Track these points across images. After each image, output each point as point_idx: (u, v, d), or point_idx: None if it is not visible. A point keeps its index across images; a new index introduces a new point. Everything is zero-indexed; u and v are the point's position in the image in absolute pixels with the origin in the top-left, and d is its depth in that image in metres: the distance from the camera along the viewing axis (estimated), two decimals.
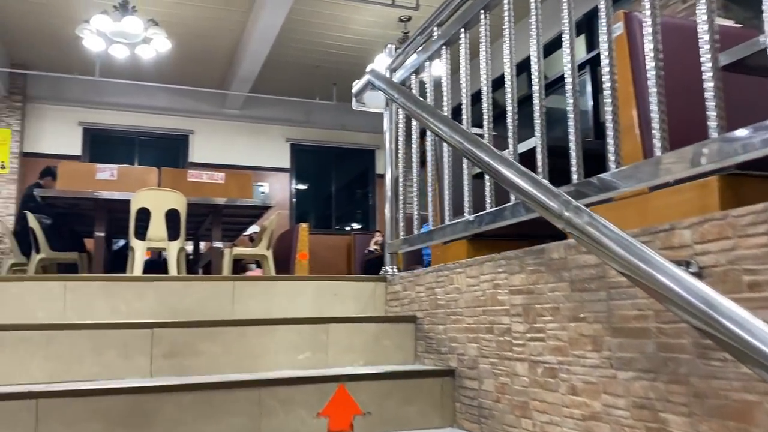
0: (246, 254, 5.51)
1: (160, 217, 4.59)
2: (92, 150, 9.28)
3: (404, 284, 2.50)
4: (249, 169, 9.78)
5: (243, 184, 5.82)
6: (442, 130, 2.04)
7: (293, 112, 10.18)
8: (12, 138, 8.57)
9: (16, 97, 8.67)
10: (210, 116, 9.80)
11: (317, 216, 10.62)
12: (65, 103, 9.09)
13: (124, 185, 5.44)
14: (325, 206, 10.60)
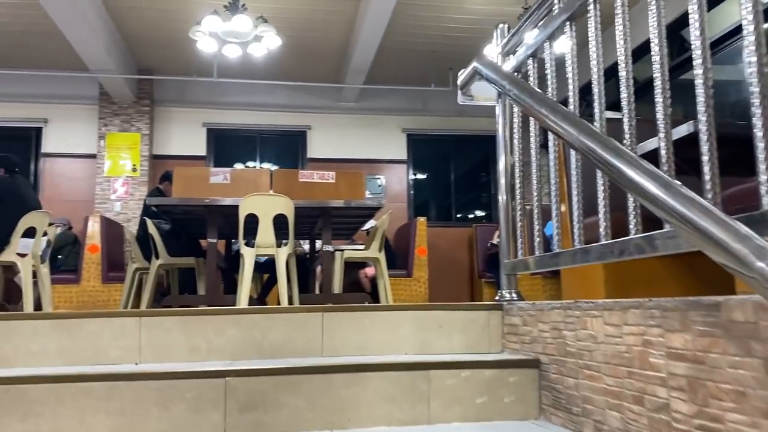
0: (357, 257, 5.26)
1: (267, 223, 4.43)
2: (216, 150, 9.50)
3: (524, 318, 2.05)
4: (365, 162, 9.59)
5: (355, 183, 5.57)
6: (567, 131, 1.57)
7: (409, 101, 9.84)
8: (142, 141, 8.94)
9: (144, 102, 9.03)
10: (326, 111, 9.70)
11: (436, 208, 10.24)
12: (189, 105, 9.36)
13: (237, 188, 5.37)
14: (444, 197, 10.18)
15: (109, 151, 8.83)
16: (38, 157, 8.97)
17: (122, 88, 8.54)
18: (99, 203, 8.75)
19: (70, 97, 9.01)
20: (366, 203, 4.95)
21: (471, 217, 10.20)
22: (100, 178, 8.79)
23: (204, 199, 4.63)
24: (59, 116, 9.05)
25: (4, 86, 8.72)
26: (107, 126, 8.88)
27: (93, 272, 7.76)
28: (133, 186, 8.83)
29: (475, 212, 10.30)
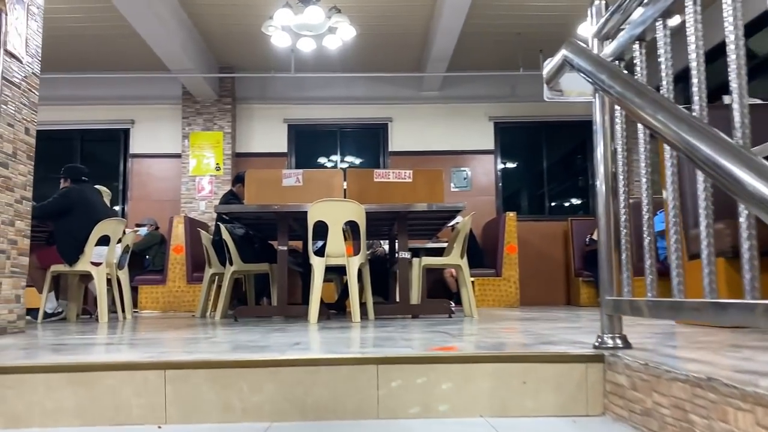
0: (437, 264, 4.84)
1: (337, 231, 4.11)
2: (297, 146, 9.35)
3: (633, 379, 1.59)
4: (449, 153, 9.13)
5: (433, 182, 5.15)
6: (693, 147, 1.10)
7: (495, 87, 9.26)
8: (224, 140, 8.91)
9: (226, 100, 8.99)
10: (407, 101, 9.30)
11: (527, 200, 9.61)
12: (270, 102, 9.24)
13: (310, 191, 5.10)
14: (536, 188, 9.54)
15: (193, 150, 8.86)
16: (126, 158, 9.15)
17: (204, 86, 8.51)
18: (185, 203, 8.81)
19: (154, 98, 9.11)
20: (445, 206, 4.52)
21: (566, 210, 9.51)
22: (185, 178, 8.85)
23: (273, 206, 4.37)
24: (145, 117, 9.18)
25: (93, 89, 8.94)
26: (191, 125, 8.91)
27: (178, 273, 7.80)
28: (216, 185, 8.82)
29: (571, 203, 9.59)
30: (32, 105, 3.47)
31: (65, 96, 8.99)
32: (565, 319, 4.10)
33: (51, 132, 9.19)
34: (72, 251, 4.68)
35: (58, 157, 9.43)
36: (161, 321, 4.78)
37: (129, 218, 9.00)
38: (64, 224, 4.74)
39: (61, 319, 4.89)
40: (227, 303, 5.27)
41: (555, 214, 9.31)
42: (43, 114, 9.56)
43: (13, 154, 3.28)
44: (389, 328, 3.14)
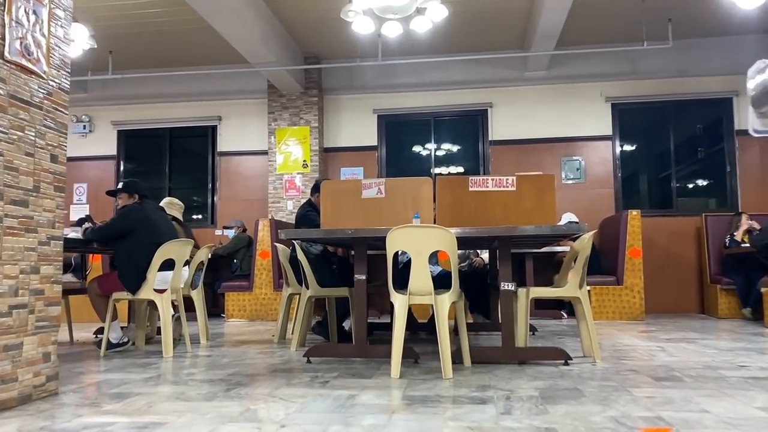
0: (549, 296, 3.96)
1: (422, 264, 3.35)
2: (388, 137, 8.63)
3: None
4: (559, 141, 8.10)
5: (542, 190, 4.26)
6: None
7: (613, 63, 8.08)
8: (311, 135, 8.35)
9: (312, 92, 8.41)
10: (510, 83, 8.31)
11: (652, 193, 8.38)
12: (358, 92, 8.57)
13: (394, 203, 4.38)
14: (662, 180, 8.27)
15: (279, 147, 8.38)
16: (215, 156, 8.83)
17: (288, 79, 7.96)
18: (273, 202, 8.36)
19: (240, 93, 8.71)
20: (559, 229, 3.64)
21: (698, 205, 8.19)
22: (272, 176, 8.39)
23: (347, 230, 3.67)
24: (232, 113, 8.80)
25: (180, 86, 8.65)
26: (276, 121, 8.42)
27: (264, 279, 7.37)
28: (304, 182, 8.30)
29: (704, 197, 8.26)
30: (60, 126, 2.95)
31: (153, 94, 8.77)
32: (733, 339, 3.13)
33: (141, 131, 9.05)
34: (133, 278, 4.24)
35: (149, 156, 9.30)
36: (234, 350, 4.27)
37: (218, 219, 8.70)
38: (124, 248, 4.31)
39: (127, 348, 4.49)
40: (304, 331, 4.68)
41: (685, 209, 8.03)
42: (132, 113, 9.57)
43: (35, 189, 2.77)
44: (507, 395, 2.35)
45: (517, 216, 4.28)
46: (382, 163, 8.58)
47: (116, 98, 8.85)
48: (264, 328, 6.29)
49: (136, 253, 4.26)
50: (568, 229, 3.60)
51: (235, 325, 6.77)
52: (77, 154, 9.00)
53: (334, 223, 4.48)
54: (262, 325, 6.61)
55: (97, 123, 9.04)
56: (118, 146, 9.02)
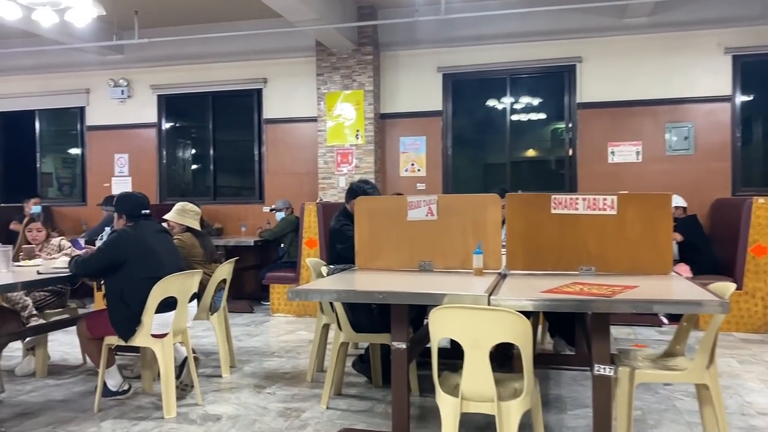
0: (660, 379, 2.85)
1: (481, 360, 2.32)
2: (455, 100, 7.42)
3: None
4: (663, 103, 6.70)
5: (657, 214, 3.12)
6: None
7: (735, 5, 6.48)
8: (365, 100, 7.26)
9: (366, 49, 7.26)
10: (603, 33, 6.86)
11: None
12: (419, 46, 7.35)
13: (450, 229, 3.36)
14: None
15: (330, 114, 7.35)
16: (261, 124, 7.91)
17: (337, 35, 6.84)
18: (323, 177, 7.42)
19: (287, 51, 7.66)
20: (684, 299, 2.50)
21: None
22: (322, 148, 7.42)
23: (375, 293, 2.66)
24: (278, 74, 7.80)
25: (219, 45, 7.67)
26: (326, 84, 7.36)
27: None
28: (357, 156, 7.29)
29: None
30: None
31: (192, 54, 7.87)
32: None
33: (182, 96, 8.23)
34: (125, 322, 3.44)
35: (191, 123, 8.53)
36: (253, 400, 3.44)
37: (266, 195, 7.88)
38: (114, 284, 3.49)
39: (129, 396, 3.74)
40: (339, 379, 3.79)
41: None
42: (171, 75, 8.66)
43: None
44: None
45: (618, 251, 3.16)
46: (448, 130, 7.41)
47: (154, 60, 8.01)
48: (308, 336, 5.47)
49: (128, 291, 3.43)
50: (690, 300, 2.44)
51: (277, 327, 6.00)
52: (116, 121, 8.33)
53: (370, 257, 3.50)
54: (306, 328, 5.80)
55: (135, 87, 8.28)
56: (158, 112, 8.26)
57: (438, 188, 7.35)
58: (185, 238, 4.29)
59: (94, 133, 8.45)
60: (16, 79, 8.53)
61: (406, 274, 3.27)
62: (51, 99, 8.54)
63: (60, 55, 7.96)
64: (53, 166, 9.01)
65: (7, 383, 4.09)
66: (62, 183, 8.96)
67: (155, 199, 8.12)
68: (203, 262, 4.31)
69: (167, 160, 8.32)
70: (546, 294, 2.50)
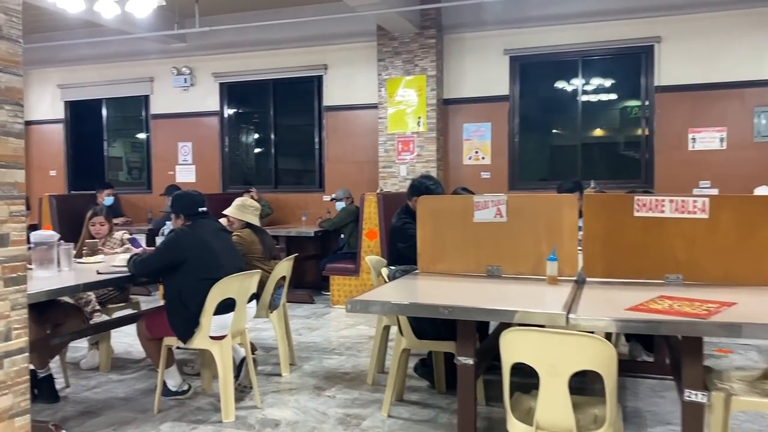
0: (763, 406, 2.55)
1: (559, 389, 2.10)
2: (522, 84, 7.08)
3: None
4: (753, 85, 6.18)
5: (757, 219, 2.80)
6: None
7: None
8: (428, 85, 7.01)
9: (430, 32, 6.99)
10: (685, 11, 6.36)
11: None
12: (485, 28, 7.02)
13: (519, 232, 3.13)
14: None
15: (391, 101, 7.15)
16: (321, 111, 7.79)
17: (398, 18, 6.60)
18: (384, 166, 7.25)
19: (347, 36, 7.48)
20: None
21: None
22: (383, 136, 7.23)
23: (440, 307, 2.46)
24: (339, 60, 7.64)
25: (280, 31, 7.55)
26: (387, 69, 7.15)
27: None
28: (419, 144, 7.07)
29: None
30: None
31: (253, 41, 7.80)
32: None
33: (243, 84, 8.20)
34: (183, 324, 3.37)
35: (252, 111, 8.51)
36: (312, 404, 3.34)
37: (326, 183, 7.77)
38: (172, 285, 3.43)
39: (189, 397, 3.70)
40: (400, 386, 3.63)
41: None
42: (233, 63, 8.63)
43: None
44: None
45: (710, 258, 2.86)
46: (515, 116, 7.08)
47: (215, 47, 7.98)
48: (368, 331, 5.34)
49: (186, 293, 3.36)
50: None
51: (337, 321, 5.91)
52: (180, 109, 8.37)
53: (433, 260, 3.31)
54: (367, 322, 5.68)
55: (198, 75, 8.29)
56: (220, 100, 8.25)
57: (503, 177, 7.05)
58: (245, 234, 4.21)
59: (159, 121, 8.53)
60: (83, 69, 8.70)
61: (473, 281, 3.06)
62: (117, 88, 8.67)
63: (124, 45, 8.04)
64: (121, 153, 9.18)
65: (72, 377, 4.13)
66: (131, 168, 9.13)
67: (218, 188, 8.15)
68: (262, 258, 4.22)
69: (229, 148, 8.32)
70: (632, 313, 2.25)
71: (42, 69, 8.90)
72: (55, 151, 9.03)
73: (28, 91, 9.10)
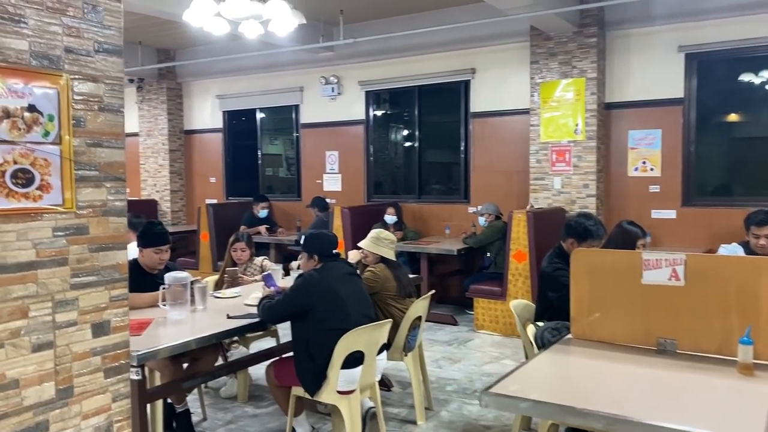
0: None
1: None
2: (700, 86, 6.12)
3: None
4: None
5: None
6: None
7: None
8: (587, 89, 6.31)
9: (590, 30, 6.26)
10: None
11: None
12: (656, 23, 6.16)
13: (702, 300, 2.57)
14: None
15: (544, 107, 6.54)
16: (467, 117, 7.35)
17: (554, 18, 5.98)
18: (536, 178, 6.67)
19: (497, 37, 6.95)
20: None
21: None
22: (534, 145, 6.65)
23: (600, 416, 1.98)
24: (488, 63, 7.15)
25: (426, 36, 7.17)
26: (541, 72, 6.54)
27: (521, 287, 5.90)
28: (576, 153, 6.40)
29: None
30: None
31: (398, 47, 7.51)
32: None
33: (388, 91, 8.00)
34: (310, 376, 3.17)
35: (396, 119, 8.29)
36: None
37: (471, 194, 7.35)
38: (299, 332, 3.24)
39: None
40: None
41: None
42: (378, 70, 8.40)
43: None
44: None
45: None
46: (691, 124, 6.17)
47: (361, 55, 7.83)
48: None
49: (313, 344, 3.16)
50: None
51: (481, 350, 5.50)
52: (327, 118, 8.36)
53: (590, 325, 2.80)
54: (514, 355, 5.22)
55: (345, 84, 8.21)
56: (366, 108, 8.10)
57: (676, 192, 6.18)
58: (378, 269, 3.94)
59: (307, 130, 8.60)
60: (239, 80, 8.99)
61: (640, 359, 2.52)
62: (270, 97, 8.85)
63: (276, 55, 8.15)
64: (273, 162, 9.42)
65: (210, 406, 4.14)
66: (282, 177, 9.33)
67: (363, 200, 8.04)
68: (396, 297, 3.93)
69: (374, 157, 8.17)
70: None
71: (202, 80, 9.35)
72: (214, 159, 9.46)
73: (190, 101, 9.62)
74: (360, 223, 6.79)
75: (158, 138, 9.55)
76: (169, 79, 9.44)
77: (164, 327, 3.20)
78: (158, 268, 3.77)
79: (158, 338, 2.94)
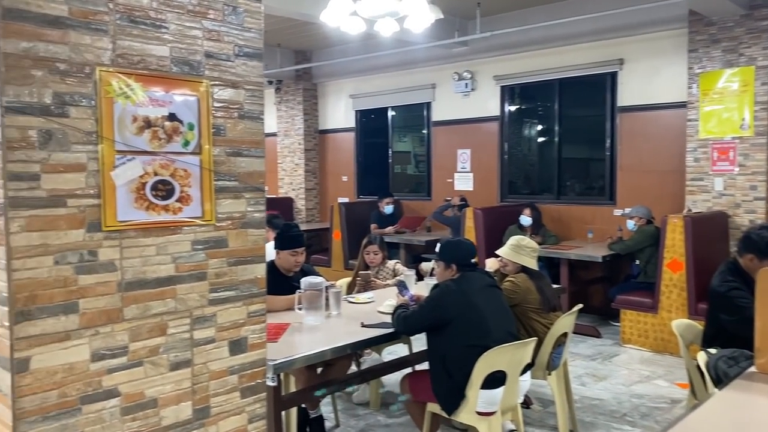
0: None
1: None
2: None
3: None
4: None
5: None
6: None
7: None
8: (756, 78, 5.58)
9: (762, 12, 5.53)
10: None
11: None
12: None
13: None
14: None
15: (704, 100, 5.88)
16: (614, 114, 6.80)
17: (720, 0, 5.34)
18: (693, 178, 6.02)
19: (648, 25, 6.35)
20: None
21: None
22: (692, 142, 6.00)
23: None
24: (638, 53, 6.57)
25: (568, 26, 6.70)
26: (701, 61, 5.88)
27: (675, 299, 5.37)
28: (742, 152, 5.70)
29: None
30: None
31: (537, 39, 7.10)
32: None
33: (526, 85, 7.62)
34: (448, 394, 2.98)
35: (534, 112, 7.89)
36: None
37: (617, 196, 6.80)
38: (436, 346, 3.06)
39: None
40: None
41: None
42: (515, 63, 8.02)
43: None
44: None
45: None
46: None
47: (497, 48, 7.49)
48: (668, 389, 4.39)
49: (450, 360, 2.96)
50: None
51: (629, 368, 5.02)
52: (459, 115, 8.13)
53: None
54: (667, 375, 4.72)
55: (478, 79, 7.92)
56: (501, 104, 7.77)
57: None
58: (519, 280, 3.66)
59: (439, 128, 8.41)
60: (371, 79, 8.97)
61: None
62: (401, 96, 8.76)
63: (408, 52, 8.03)
64: (404, 160, 9.33)
65: (342, 412, 4.08)
66: (412, 175, 9.23)
67: (496, 201, 7.72)
68: (539, 310, 3.63)
69: (509, 154, 7.82)
70: None
71: (337, 80, 9.45)
72: (346, 158, 9.55)
73: (324, 101, 9.76)
74: (493, 224, 6.50)
75: (294, 138, 9.79)
76: (305, 80, 9.63)
77: (300, 333, 3.15)
78: (294, 270, 3.75)
79: (294, 346, 2.88)
